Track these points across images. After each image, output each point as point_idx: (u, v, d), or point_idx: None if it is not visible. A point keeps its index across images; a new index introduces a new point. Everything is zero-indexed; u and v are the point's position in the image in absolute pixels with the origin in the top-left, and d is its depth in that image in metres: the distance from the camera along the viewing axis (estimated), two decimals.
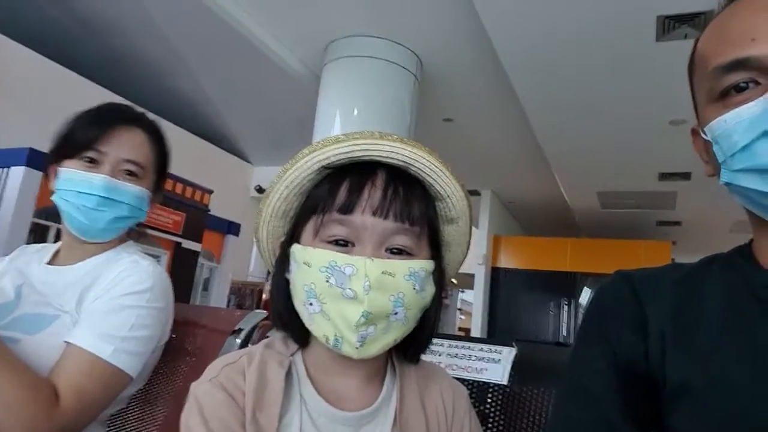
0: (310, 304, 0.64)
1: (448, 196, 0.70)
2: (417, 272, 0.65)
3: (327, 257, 0.63)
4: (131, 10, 4.54)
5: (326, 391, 0.68)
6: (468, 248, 0.77)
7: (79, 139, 1.05)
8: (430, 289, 0.68)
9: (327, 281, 0.63)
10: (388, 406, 0.69)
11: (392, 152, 0.67)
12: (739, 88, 0.57)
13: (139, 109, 1.15)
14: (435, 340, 0.75)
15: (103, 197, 1.03)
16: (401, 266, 0.64)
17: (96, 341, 0.92)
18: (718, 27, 0.62)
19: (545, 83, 4.27)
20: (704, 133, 0.62)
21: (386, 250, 0.65)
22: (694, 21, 3.23)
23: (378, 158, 0.67)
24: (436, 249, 0.71)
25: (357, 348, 0.62)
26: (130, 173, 1.07)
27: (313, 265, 0.64)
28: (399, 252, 0.66)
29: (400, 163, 0.68)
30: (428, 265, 0.67)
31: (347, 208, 0.65)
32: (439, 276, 0.71)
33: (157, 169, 1.15)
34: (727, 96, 0.58)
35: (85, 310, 0.98)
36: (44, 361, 0.91)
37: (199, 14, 4.14)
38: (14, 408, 0.82)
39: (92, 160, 1.04)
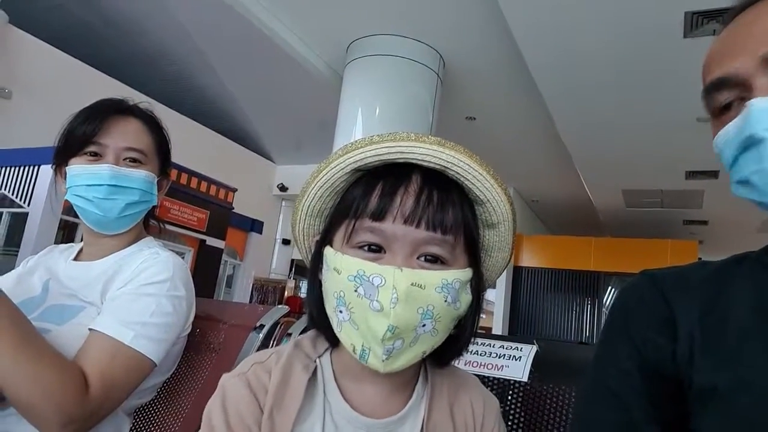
0: (340, 311, 0.63)
1: (488, 200, 0.67)
2: (450, 284, 0.62)
3: (356, 266, 0.61)
4: (157, 11, 4.61)
5: (353, 396, 0.67)
6: (511, 254, 0.73)
7: (79, 135, 1.08)
8: (466, 298, 0.65)
9: (355, 291, 0.61)
10: (417, 414, 0.67)
11: (428, 155, 0.64)
12: (727, 106, 0.60)
13: (133, 101, 1.18)
14: None
15: (112, 185, 1.07)
16: (433, 278, 0.61)
17: (117, 327, 0.95)
18: (714, 46, 0.65)
19: (569, 80, 4.22)
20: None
21: (419, 257, 0.63)
22: (723, 17, 3.17)
23: (414, 161, 0.64)
24: (474, 255, 0.68)
25: (383, 361, 0.60)
26: (134, 160, 1.11)
27: (342, 272, 0.62)
28: (433, 260, 0.63)
29: (437, 167, 0.65)
30: (463, 274, 0.64)
31: (379, 215, 0.62)
32: (477, 283, 0.68)
33: (160, 154, 1.17)
34: (720, 114, 0.61)
35: (108, 299, 1.02)
36: (72, 349, 0.94)
37: (223, 15, 4.19)
38: (52, 394, 0.84)
39: (95, 154, 1.08)
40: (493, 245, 0.72)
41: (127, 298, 1.00)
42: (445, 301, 0.62)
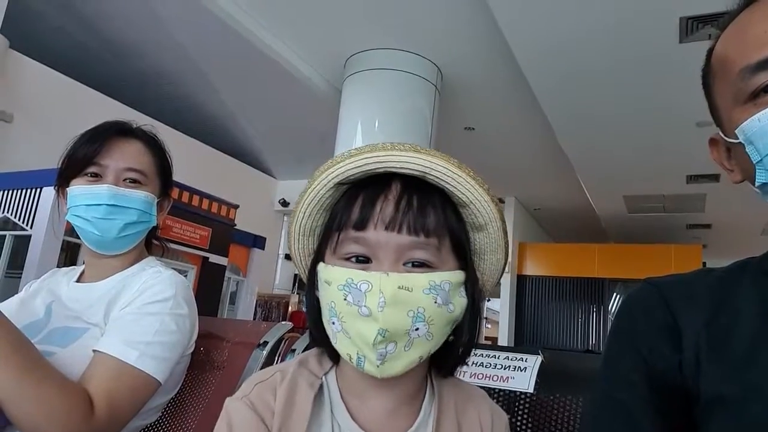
0: (333, 323, 0.63)
1: (471, 202, 0.67)
2: (438, 285, 0.62)
3: (344, 275, 0.62)
4: (155, 31, 4.65)
5: (360, 414, 0.66)
6: (506, 255, 0.73)
7: (80, 156, 1.09)
8: (460, 301, 0.65)
9: (345, 299, 0.61)
10: (425, 431, 0.67)
11: (406, 162, 0.64)
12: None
13: (136, 123, 1.19)
14: None
15: (110, 205, 1.07)
16: (420, 280, 0.62)
17: (122, 347, 0.95)
18: (739, 31, 0.62)
19: (566, 88, 4.24)
20: (732, 136, 0.61)
21: (405, 264, 0.63)
22: (718, 21, 3.18)
23: (393, 170, 0.65)
24: (464, 258, 0.68)
25: (377, 366, 0.60)
26: (134, 181, 1.11)
27: (332, 283, 0.63)
28: (420, 265, 0.63)
29: (416, 173, 0.65)
30: (452, 276, 0.64)
31: (361, 225, 0.63)
32: (472, 287, 0.68)
33: (161, 175, 1.18)
34: (757, 96, 0.58)
35: (111, 320, 1.02)
36: (77, 371, 0.94)
37: (221, 33, 4.23)
38: (57, 417, 0.84)
39: (95, 175, 1.09)
40: (485, 247, 0.72)
41: (130, 317, 1.00)
42: (435, 302, 0.62)
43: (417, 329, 0.61)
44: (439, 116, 4.49)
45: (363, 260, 0.64)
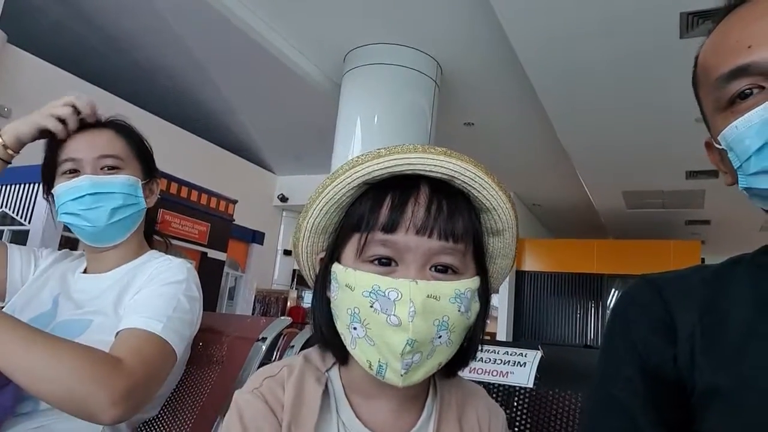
0: (354, 328, 0.62)
1: (494, 208, 0.67)
2: (463, 293, 0.62)
3: (370, 281, 0.61)
4: (155, 26, 4.64)
5: (363, 413, 0.67)
6: (514, 261, 0.73)
7: (52, 154, 1.11)
8: (475, 307, 0.66)
9: (371, 306, 0.60)
10: (427, 430, 0.68)
11: (436, 165, 0.64)
12: (743, 95, 0.59)
13: (104, 116, 1.19)
14: None
15: (93, 194, 1.08)
16: (447, 288, 0.62)
17: (147, 320, 0.96)
18: (716, 40, 0.65)
19: (566, 83, 4.23)
20: (717, 142, 0.63)
21: (431, 268, 0.63)
22: (718, 12, 3.17)
23: (421, 172, 0.64)
24: (481, 263, 0.69)
25: (402, 375, 0.60)
26: (112, 167, 1.12)
27: (356, 289, 0.62)
28: (444, 270, 0.64)
29: (444, 177, 0.65)
30: (473, 283, 0.65)
31: (390, 227, 0.62)
32: (484, 291, 0.68)
33: (140, 158, 1.18)
34: (734, 104, 0.60)
35: (127, 305, 1.03)
36: None
37: (220, 28, 4.21)
38: (90, 375, 0.83)
39: (74, 170, 1.10)
40: (498, 252, 0.72)
41: (148, 297, 1.02)
42: (459, 311, 0.62)
43: (440, 336, 0.61)
44: (438, 111, 4.49)
45: (386, 262, 0.63)
